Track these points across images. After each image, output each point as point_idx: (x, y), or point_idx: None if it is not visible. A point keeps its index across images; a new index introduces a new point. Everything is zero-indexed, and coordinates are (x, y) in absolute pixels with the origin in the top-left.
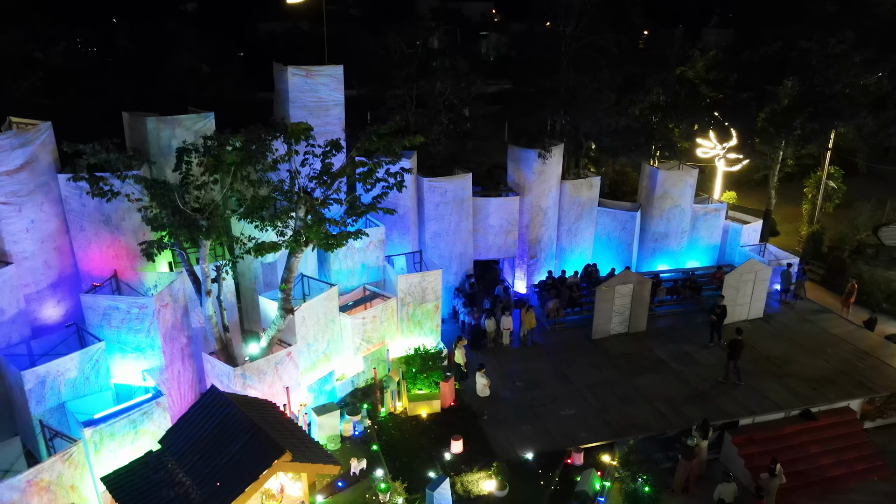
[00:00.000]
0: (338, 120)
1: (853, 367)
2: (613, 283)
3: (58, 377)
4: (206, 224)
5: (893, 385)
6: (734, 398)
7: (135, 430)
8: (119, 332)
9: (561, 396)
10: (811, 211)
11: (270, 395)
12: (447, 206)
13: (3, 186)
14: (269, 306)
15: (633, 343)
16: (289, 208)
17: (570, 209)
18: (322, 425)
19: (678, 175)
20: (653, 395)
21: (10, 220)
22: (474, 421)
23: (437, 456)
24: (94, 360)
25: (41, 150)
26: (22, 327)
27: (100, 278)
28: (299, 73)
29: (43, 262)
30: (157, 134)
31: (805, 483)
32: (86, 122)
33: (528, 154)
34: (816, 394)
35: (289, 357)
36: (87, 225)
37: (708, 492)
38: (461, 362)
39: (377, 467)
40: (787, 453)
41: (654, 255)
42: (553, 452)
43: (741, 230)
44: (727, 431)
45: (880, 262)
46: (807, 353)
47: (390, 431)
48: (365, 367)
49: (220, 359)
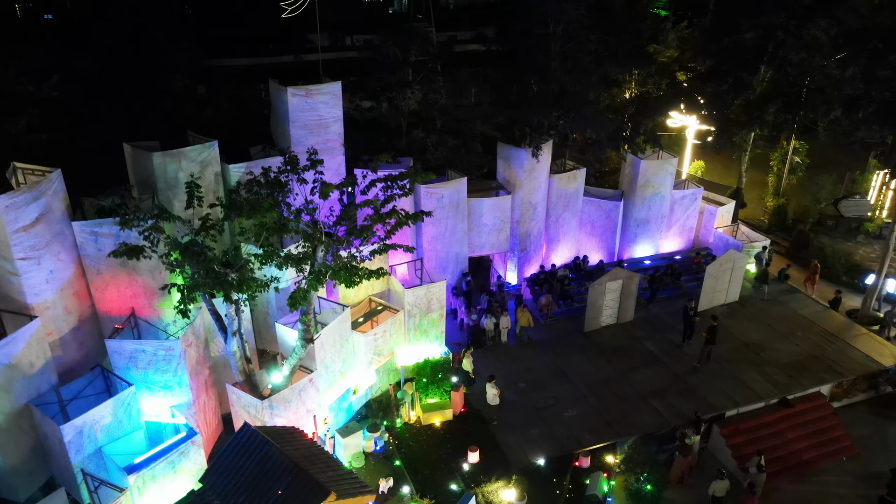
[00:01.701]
0: (337, 136)
1: (822, 350)
2: (605, 281)
3: (93, 425)
4: (236, 278)
5: (858, 368)
6: (720, 390)
7: (174, 469)
8: (146, 373)
9: (562, 397)
10: (776, 183)
11: (295, 421)
12: (444, 211)
13: (21, 242)
14: (287, 333)
15: (623, 334)
16: (309, 254)
17: (557, 201)
18: (347, 445)
19: (659, 164)
20: (646, 390)
21: (30, 273)
22: (485, 427)
23: (456, 467)
24: (126, 405)
25: (53, 200)
26: (49, 376)
27: (118, 318)
28: (299, 94)
29: (63, 308)
30: (163, 168)
31: (784, 468)
32: (86, 155)
33: (518, 153)
34: (792, 381)
35: (311, 383)
36: (104, 268)
37: (700, 481)
38: (469, 370)
39: (403, 484)
40: (767, 441)
41: (636, 240)
42: (562, 457)
43: (716, 212)
44: (715, 424)
45: (839, 234)
46: (780, 338)
47: (408, 443)
48: (377, 379)
49: (245, 390)
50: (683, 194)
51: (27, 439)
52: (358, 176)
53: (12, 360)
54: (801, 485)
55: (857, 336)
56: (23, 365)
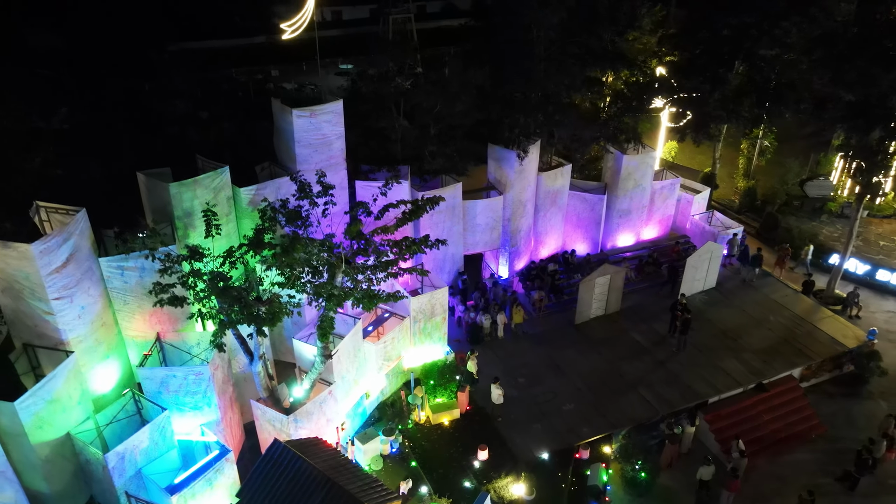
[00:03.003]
0: (340, 152)
1: (792, 334)
2: (594, 277)
3: (133, 450)
4: (266, 312)
5: (825, 350)
6: (703, 378)
7: (210, 486)
8: (177, 396)
9: (560, 391)
10: (746, 165)
11: (317, 431)
12: (441, 215)
13: (54, 283)
14: (304, 349)
15: (612, 325)
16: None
17: (545, 197)
18: (366, 450)
19: (640, 158)
20: (635, 380)
21: (63, 311)
22: (490, 424)
23: (468, 465)
24: (161, 428)
25: (81, 239)
26: (86, 404)
27: (144, 343)
28: (304, 115)
29: (94, 340)
30: (179, 198)
31: (761, 448)
32: (95, 183)
33: (509, 154)
34: (766, 366)
35: (330, 395)
36: (131, 299)
37: (689, 466)
38: (473, 371)
39: (421, 484)
40: (746, 424)
41: (618, 230)
42: (563, 450)
43: (693, 200)
44: (699, 410)
45: (805, 214)
46: (754, 324)
47: (421, 443)
48: (387, 382)
49: (268, 405)
50: (662, 185)
51: (69, 465)
52: (368, 200)
53: (53, 395)
54: (777, 463)
55: (823, 319)
56: (63, 398)
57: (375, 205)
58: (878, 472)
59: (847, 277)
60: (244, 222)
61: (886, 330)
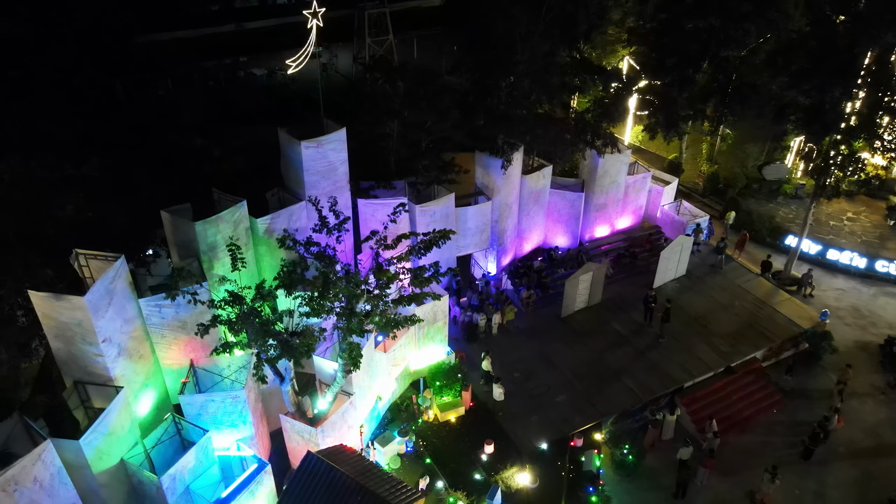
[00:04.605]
0: (344, 175)
1: (755, 318)
2: (578, 275)
3: (182, 470)
4: (301, 345)
5: (783, 332)
6: (678, 364)
7: (253, 497)
8: (215, 416)
9: (552, 383)
10: (710, 150)
11: (340, 437)
12: (436, 224)
13: (102, 328)
14: (324, 364)
15: (594, 317)
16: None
17: (528, 198)
18: (386, 452)
19: (616, 157)
20: (619, 369)
21: (110, 353)
22: (493, 418)
23: (476, 459)
24: (205, 448)
25: (120, 282)
26: (135, 431)
27: (180, 370)
28: (311, 146)
29: (134, 371)
30: (203, 234)
31: (730, 426)
32: (125, 225)
33: (496, 162)
34: (733, 350)
35: (351, 405)
36: (168, 332)
37: (669, 446)
38: (489, 369)
39: (436, 479)
40: (717, 405)
41: (595, 223)
42: (559, 439)
43: (663, 191)
44: (676, 395)
45: (763, 196)
46: (721, 309)
47: (432, 440)
48: (397, 385)
49: (297, 419)
50: (635, 179)
51: (124, 487)
52: (371, 216)
53: (109, 428)
54: (744, 438)
55: (782, 301)
56: (117, 430)
57: (387, 231)
58: (831, 441)
59: (801, 257)
60: (260, 249)
61: (836, 307)
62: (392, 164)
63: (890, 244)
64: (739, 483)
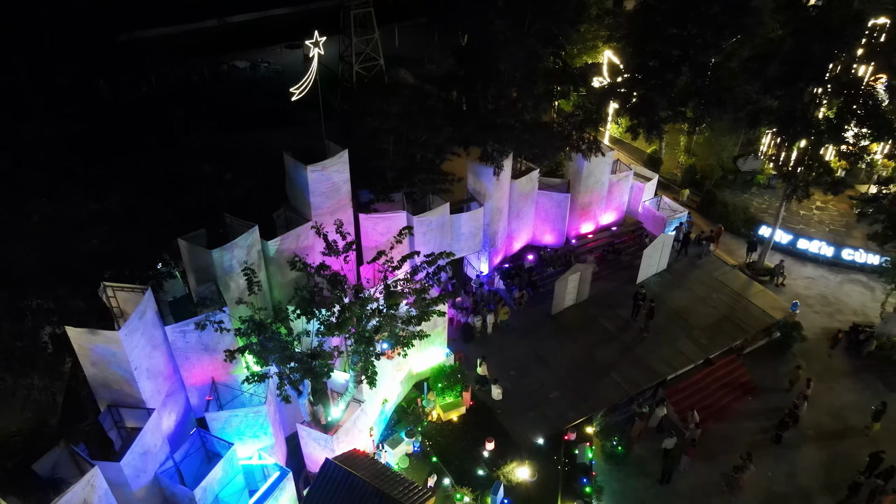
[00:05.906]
0: (346, 195)
1: (731, 310)
2: (567, 275)
3: (212, 482)
4: (320, 365)
5: (758, 323)
6: (661, 358)
7: (276, 503)
8: (238, 429)
9: (546, 380)
10: (688, 142)
11: (352, 442)
12: (432, 233)
13: (133, 358)
14: (337, 375)
15: (583, 313)
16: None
17: (517, 200)
18: (395, 453)
19: (599, 159)
20: (607, 365)
21: (141, 376)
22: (492, 416)
23: (478, 455)
24: (230, 460)
25: (149, 311)
26: (165, 447)
27: (202, 387)
28: (317, 170)
29: (157, 391)
30: (220, 261)
31: (709, 414)
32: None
33: (487, 169)
34: (712, 342)
35: (363, 412)
36: (192, 354)
37: (655, 437)
38: (485, 374)
39: (443, 477)
40: (697, 395)
41: (581, 220)
42: (554, 434)
43: (644, 188)
44: (661, 387)
45: (738, 187)
46: (700, 302)
47: (436, 439)
48: (401, 388)
49: (313, 427)
50: (619, 178)
51: (157, 500)
52: (372, 230)
53: (144, 447)
54: (722, 425)
55: (756, 293)
56: (150, 447)
57: (392, 252)
58: (801, 425)
59: (774, 247)
60: (271, 269)
61: (806, 295)
62: (389, 180)
63: (855, 232)
64: (719, 466)
